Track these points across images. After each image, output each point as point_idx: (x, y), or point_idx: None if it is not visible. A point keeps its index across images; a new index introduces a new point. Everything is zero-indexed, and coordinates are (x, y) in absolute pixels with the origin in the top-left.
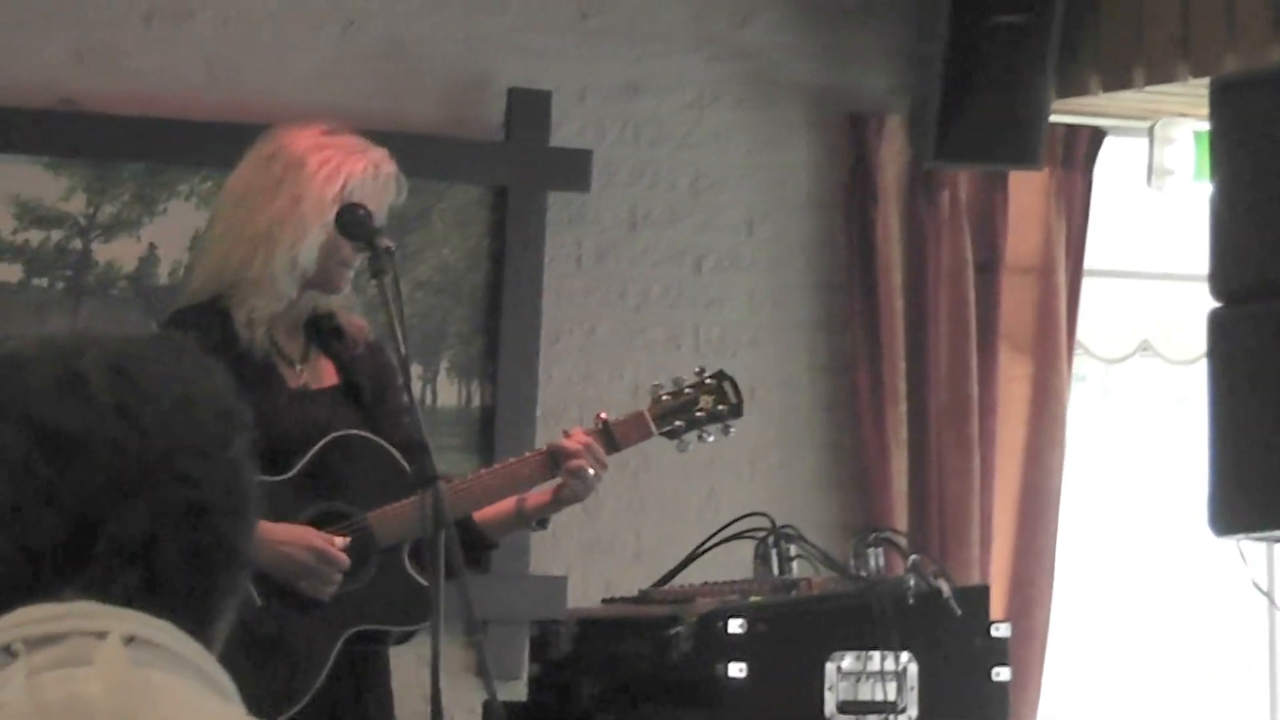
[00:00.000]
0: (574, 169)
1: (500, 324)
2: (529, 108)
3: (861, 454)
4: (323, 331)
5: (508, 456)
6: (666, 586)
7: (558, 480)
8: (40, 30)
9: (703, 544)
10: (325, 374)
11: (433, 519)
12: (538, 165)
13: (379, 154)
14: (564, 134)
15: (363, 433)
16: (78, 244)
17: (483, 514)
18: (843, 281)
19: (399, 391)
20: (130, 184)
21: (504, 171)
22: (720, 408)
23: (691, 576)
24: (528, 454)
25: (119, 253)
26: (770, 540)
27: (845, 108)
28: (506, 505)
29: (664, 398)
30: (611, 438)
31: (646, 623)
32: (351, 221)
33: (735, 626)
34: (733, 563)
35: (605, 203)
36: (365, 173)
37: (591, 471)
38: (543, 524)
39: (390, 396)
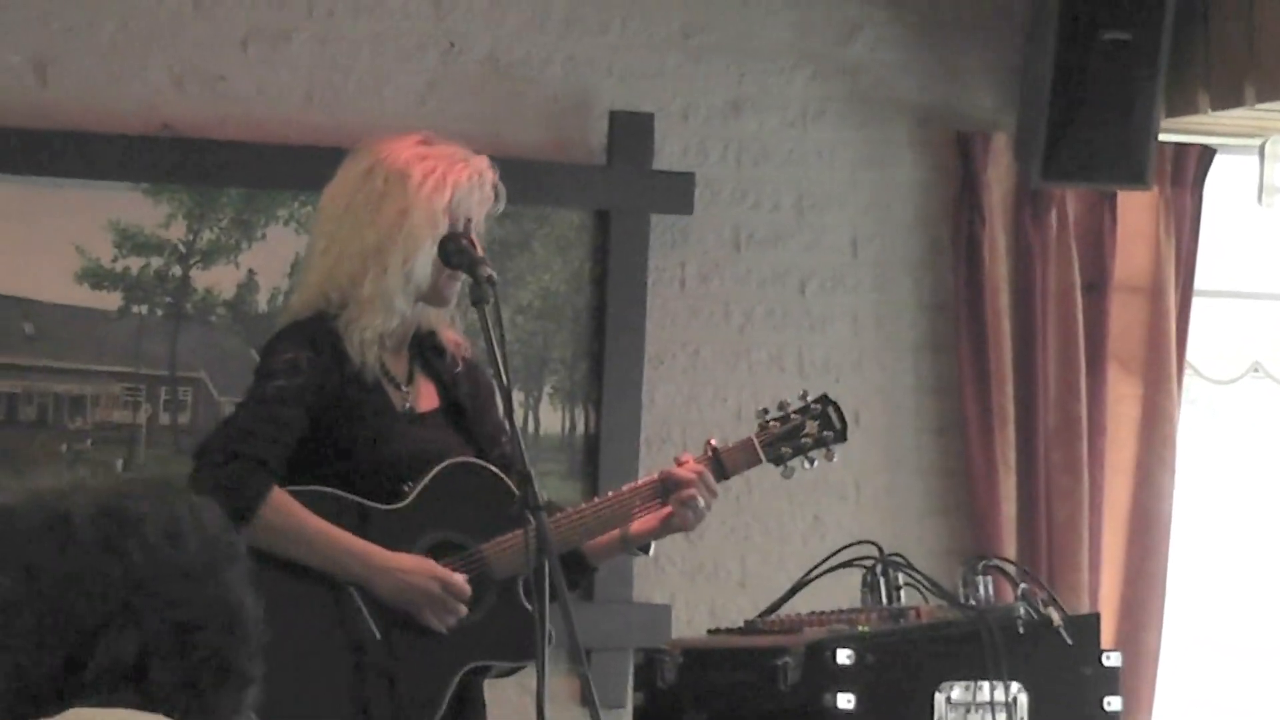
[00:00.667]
0: (677, 192)
1: (603, 348)
2: (631, 130)
3: (969, 477)
4: (424, 350)
5: (613, 483)
6: (773, 616)
7: (666, 508)
8: (138, 56)
9: (810, 573)
10: (428, 395)
11: (536, 550)
12: (640, 188)
13: (481, 161)
14: (666, 155)
15: (474, 459)
16: (177, 270)
17: (589, 541)
18: (949, 302)
19: (496, 410)
20: (229, 209)
21: (606, 195)
22: (825, 433)
23: (798, 605)
24: (639, 482)
25: (218, 279)
26: (878, 569)
27: (951, 126)
28: (611, 532)
29: (771, 424)
30: (721, 465)
31: (753, 653)
32: (454, 251)
33: (843, 657)
34: (840, 591)
35: (708, 224)
36: (471, 181)
37: (703, 502)
38: (645, 549)
39: (488, 417)
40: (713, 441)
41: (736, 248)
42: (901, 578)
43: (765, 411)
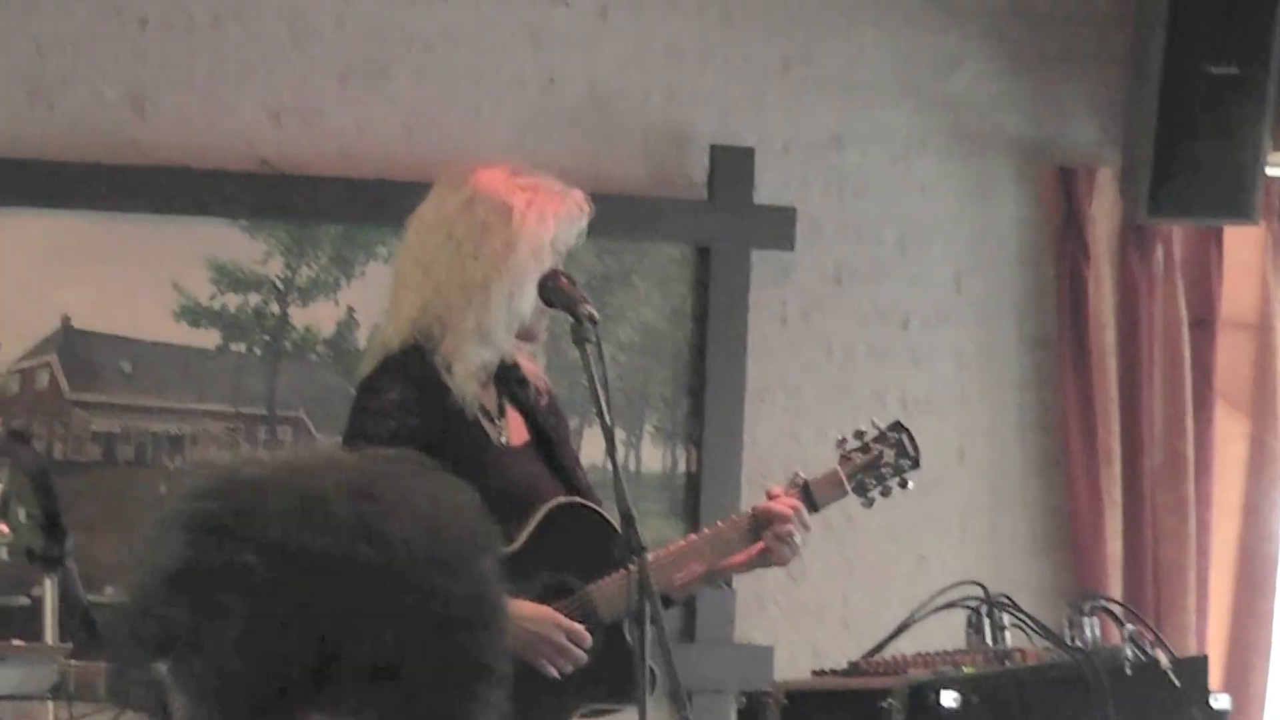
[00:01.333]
0: (778, 226)
1: (704, 386)
2: (732, 164)
3: (1074, 516)
4: (509, 382)
5: (714, 521)
6: (877, 657)
7: (759, 544)
8: (236, 91)
9: (914, 613)
10: (518, 428)
11: (638, 591)
12: (741, 223)
13: (579, 194)
14: (767, 189)
15: (578, 499)
16: (275, 308)
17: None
18: (1053, 338)
19: (570, 441)
20: (328, 246)
21: (707, 230)
22: (902, 461)
23: (902, 646)
24: (734, 517)
25: (317, 316)
26: (983, 609)
27: (1055, 160)
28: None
29: (853, 454)
30: (811, 498)
31: (857, 695)
32: (554, 290)
33: (948, 699)
34: (944, 631)
35: (810, 259)
36: (571, 214)
37: (799, 537)
38: (728, 583)
39: (567, 449)
40: (801, 474)
41: (838, 283)
42: (1007, 618)
43: (844, 441)
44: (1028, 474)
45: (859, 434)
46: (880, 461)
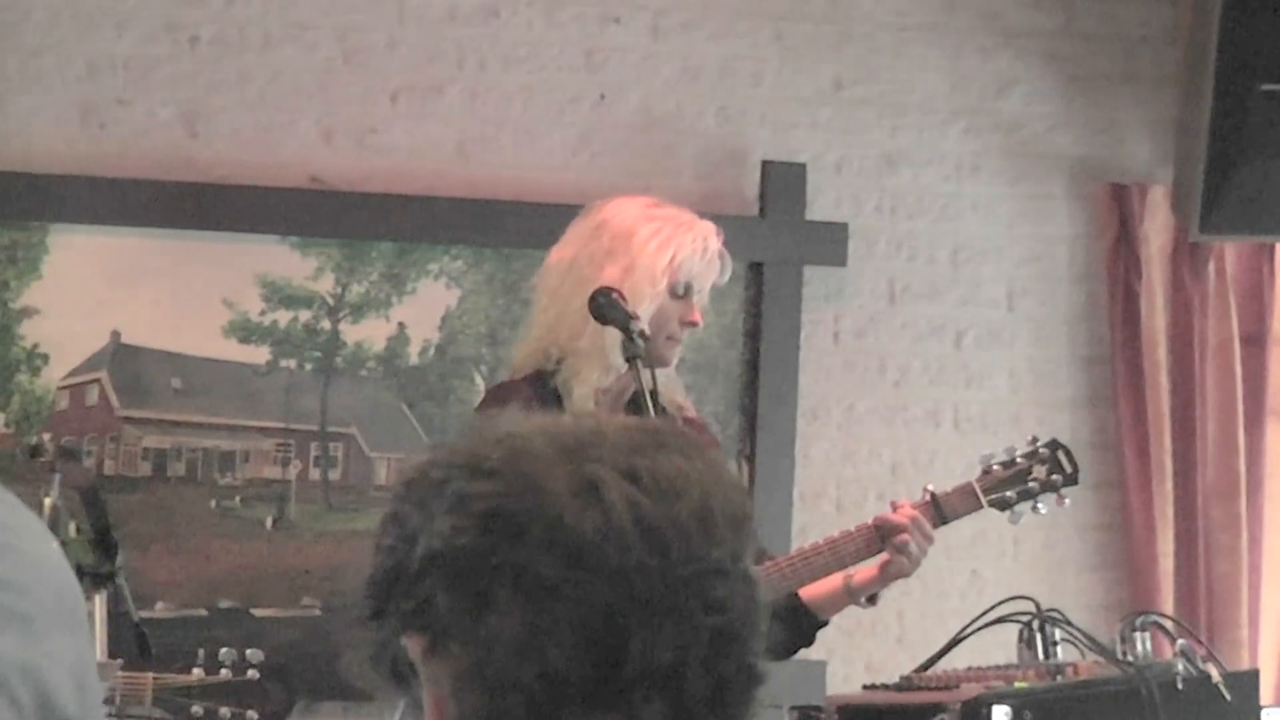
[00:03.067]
0: (831, 243)
1: (757, 403)
2: (784, 181)
3: (1127, 532)
4: (642, 410)
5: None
6: (929, 672)
7: (884, 555)
8: (289, 110)
9: (966, 628)
10: None
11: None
12: (794, 239)
13: (708, 227)
14: (820, 207)
15: None
16: (326, 324)
17: (811, 592)
18: (1106, 356)
19: None
20: (379, 263)
21: (760, 246)
22: (1054, 476)
23: (955, 661)
24: (853, 529)
25: (368, 333)
26: (1035, 624)
27: (1107, 178)
28: (834, 582)
29: (994, 468)
30: (940, 510)
31: (909, 710)
32: (605, 305)
33: (1000, 714)
34: (996, 646)
35: (863, 277)
36: (694, 245)
37: (915, 547)
38: (872, 600)
39: None
40: (930, 487)
41: (891, 300)
42: (1059, 633)
43: (990, 456)
44: (1082, 491)
45: (1009, 449)
46: (1027, 476)
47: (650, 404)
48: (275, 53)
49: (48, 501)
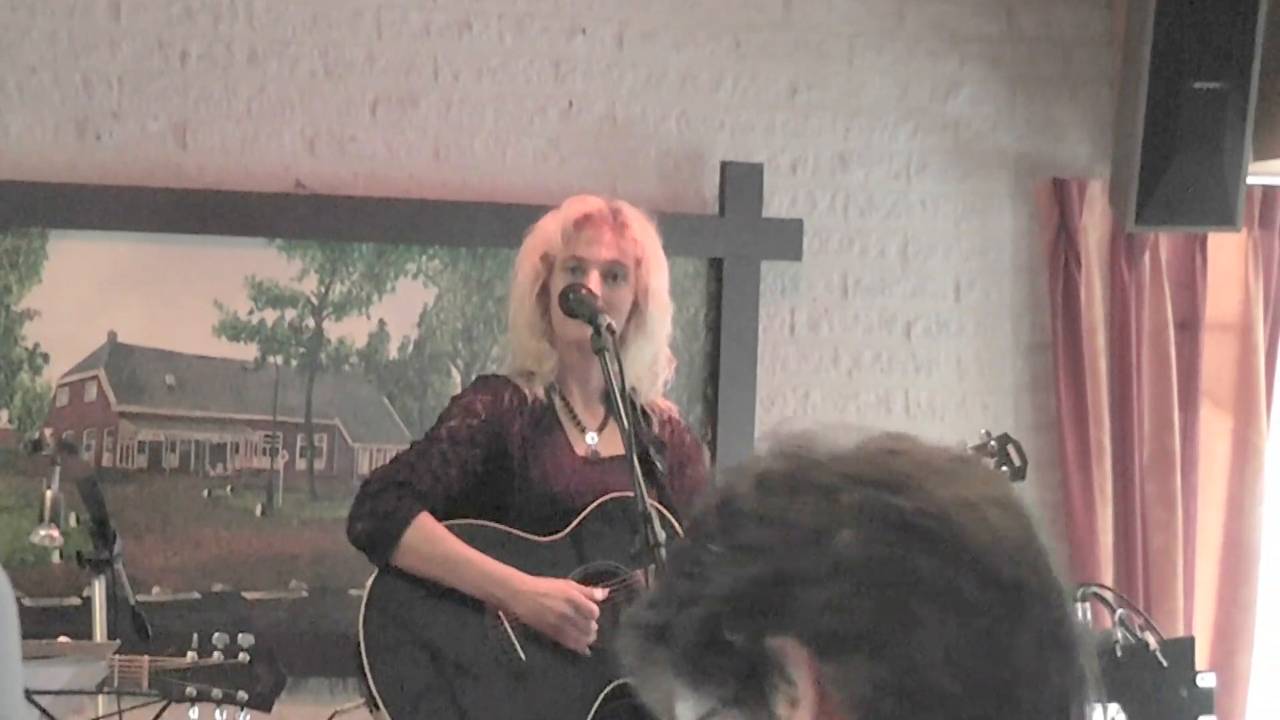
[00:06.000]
0: (787, 239)
1: (717, 392)
2: (742, 181)
3: (1068, 510)
4: (612, 404)
5: None
6: None
7: None
8: (274, 121)
9: None
10: (617, 443)
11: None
12: (752, 236)
13: (572, 206)
14: (776, 205)
15: (628, 494)
16: (310, 322)
17: None
18: (1048, 344)
19: (700, 466)
20: (360, 263)
21: (719, 243)
22: (1003, 469)
23: None
24: None
25: (350, 330)
26: None
27: (1048, 174)
28: None
29: None
30: None
31: None
32: (576, 300)
33: None
34: None
35: (818, 271)
36: (563, 226)
37: None
38: None
39: (691, 471)
40: None
41: (844, 294)
42: None
43: None
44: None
45: (960, 443)
46: None
47: (619, 396)
48: (260, 67)
49: (49, 493)
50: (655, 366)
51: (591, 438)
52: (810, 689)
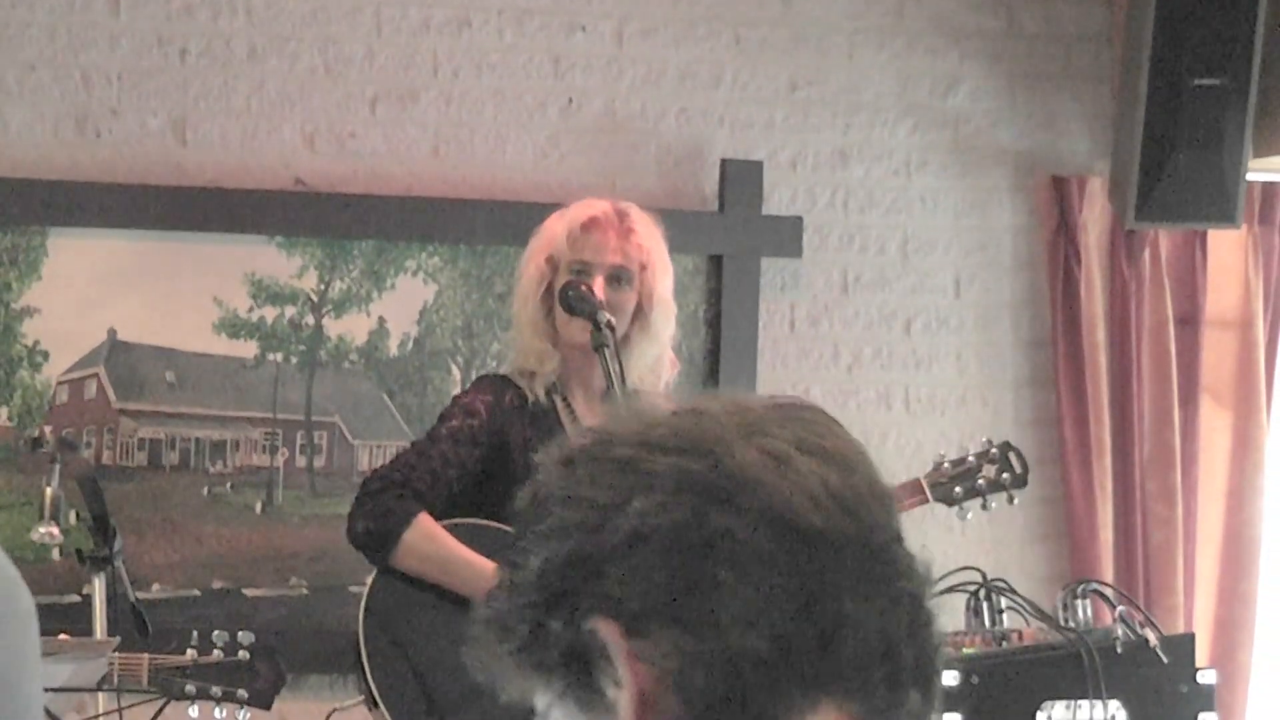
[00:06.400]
0: (787, 236)
1: (718, 388)
2: (742, 178)
3: (1068, 506)
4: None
5: None
6: None
7: None
8: (273, 117)
9: None
10: None
11: None
12: (752, 233)
13: (578, 209)
14: (776, 202)
15: None
16: (310, 320)
17: None
18: (1048, 339)
19: None
20: (360, 260)
21: (719, 240)
22: (1004, 476)
23: None
24: None
25: (350, 327)
26: (981, 593)
27: (1048, 171)
28: None
29: (945, 465)
30: None
31: None
32: (575, 297)
33: (949, 678)
34: (945, 615)
35: (818, 268)
36: (567, 230)
37: None
38: None
39: None
40: None
41: (844, 290)
42: (1004, 602)
43: (944, 455)
44: None
45: (963, 449)
46: (976, 474)
47: (619, 392)
48: (260, 64)
49: (49, 490)
50: (658, 368)
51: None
52: (627, 668)
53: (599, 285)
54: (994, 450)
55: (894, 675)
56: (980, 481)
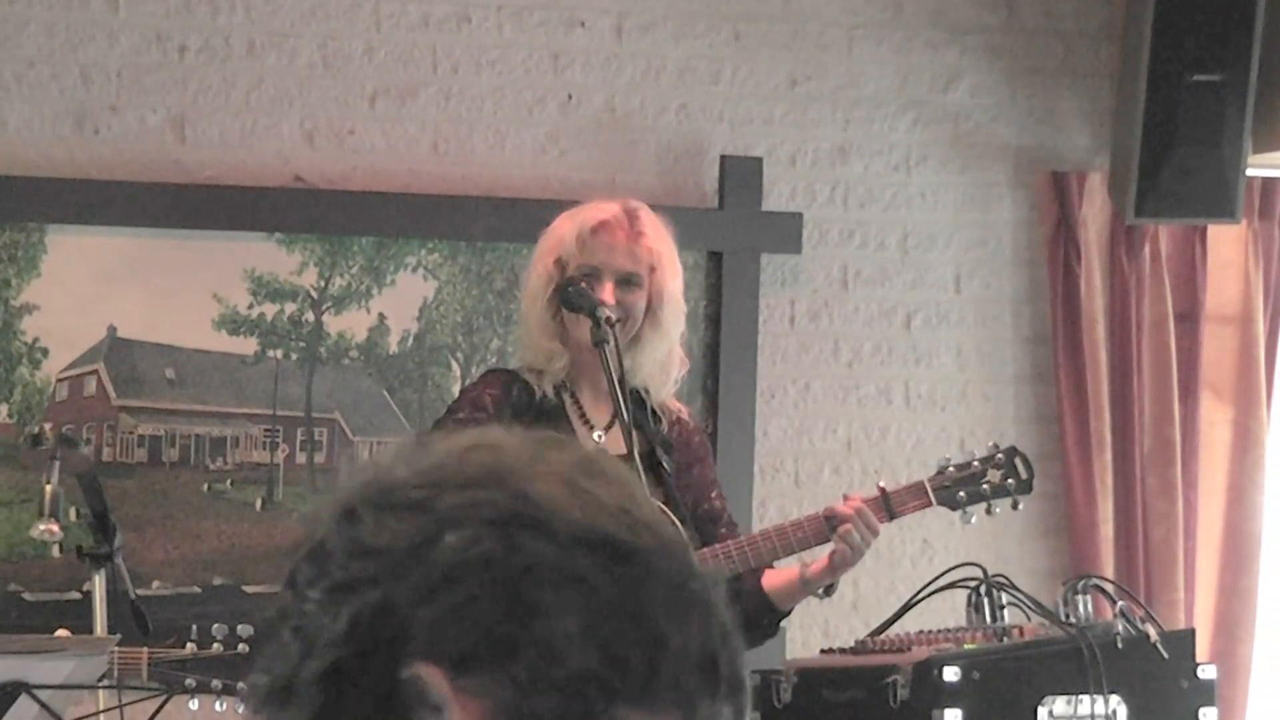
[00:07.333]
0: (786, 232)
1: (718, 384)
2: (742, 174)
3: (1068, 501)
4: (614, 398)
5: (771, 525)
6: (882, 635)
7: (831, 546)
8: (272, 114)
9: (917, 594)
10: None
11: None
12: (751, 229)
13: (589, 212)
14: (776, 198)
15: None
16: (310, 316)
17: (770, 583)
18: (1048, 335)
19: (707, 469)
20: (359, 257)
21: (719, 236)
22: (1008, 481)
23: (907, 625)
24: (804, 519)
25: (349, 323)
26: (982, 589)
27: (1048, 166)
28: (791, 574)
29: (949, 469)
30: (889, 505)
31: (864, 672)
32: (574, 294)
33: (950, 674)
34: (946, 611)
35: (817, 263)
36: (578, 232)
37: (858, 536)
38: (828, 590)
39: (698, 472)
40: (881, 483)
41: (844, 286)
42: (1005, 598)
43: (949, 458)
44: None
45: (968, 453)
46: (981, 478)
47: (619, 389)
48: (259, 60)
49: (49, 487)
50: (668, 366)
51: (599, 435)
52: (458, 708)
53: (609, 289)
54: (999, 455)
55: (714, 685)
56: (984, 486)
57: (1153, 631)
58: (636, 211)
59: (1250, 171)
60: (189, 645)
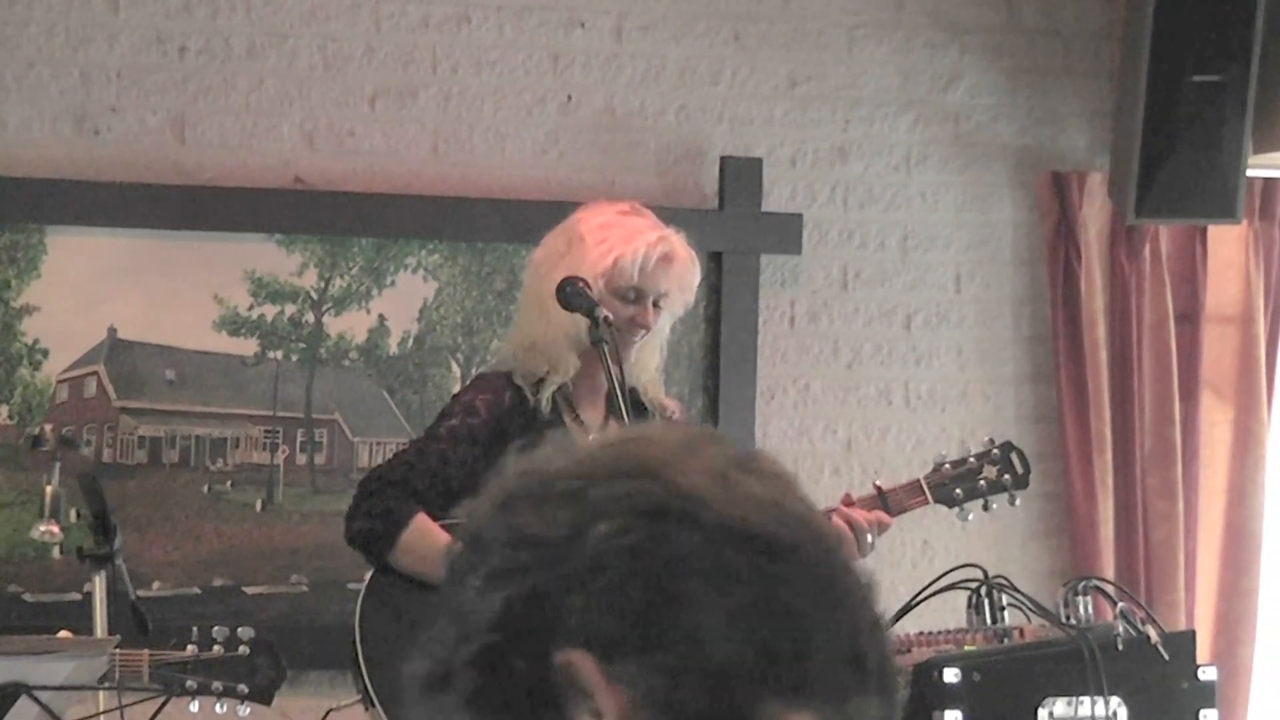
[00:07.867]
0: (786, 233)
1: (718, 385)
2: (742, 175)
3: (1069, 502)
4: (613, 399)
5: None
6: None
7: None
8: (272, 115)
9: (918, 595)
10: None
11: None
12: (752, 230)
13: (654, 238)
14: (776, 198)
15: None
16: (310, 317)
17: None
18: (1048, 335)
19: None
20: (359, 258)
21: (719, 237)
22: (1005, 478)
23: (907, 626)
24: None
25: (350, 324)
26: (983, 591)
27: (1048, 167)
28: None
29: (945, 466)
30: (886, 504)
31: None
32: (572, 293)
33: (950, 675)
34: (947, 612)
35: (817, 264)
36: (632, 254)
37: (870, 539)
38: None
39: None
40: (878, 482)
41: (844, 286)
42: (1005, 599)
43: (944, 455)
44: None
45: (964, 449)
46: (977, 475)
47: (618, 390)
48: (259, 61)
49: (49, 488)
50: (660, 363)
51: (593, 438)
52: (606, 695)
53: (648, 313)
54: (995, 451)
55: (862, 680)
56: (981, 483)
57: (1153, 632)
58: (677, 233)
59: (1250, 171)
60: (189, 646)
